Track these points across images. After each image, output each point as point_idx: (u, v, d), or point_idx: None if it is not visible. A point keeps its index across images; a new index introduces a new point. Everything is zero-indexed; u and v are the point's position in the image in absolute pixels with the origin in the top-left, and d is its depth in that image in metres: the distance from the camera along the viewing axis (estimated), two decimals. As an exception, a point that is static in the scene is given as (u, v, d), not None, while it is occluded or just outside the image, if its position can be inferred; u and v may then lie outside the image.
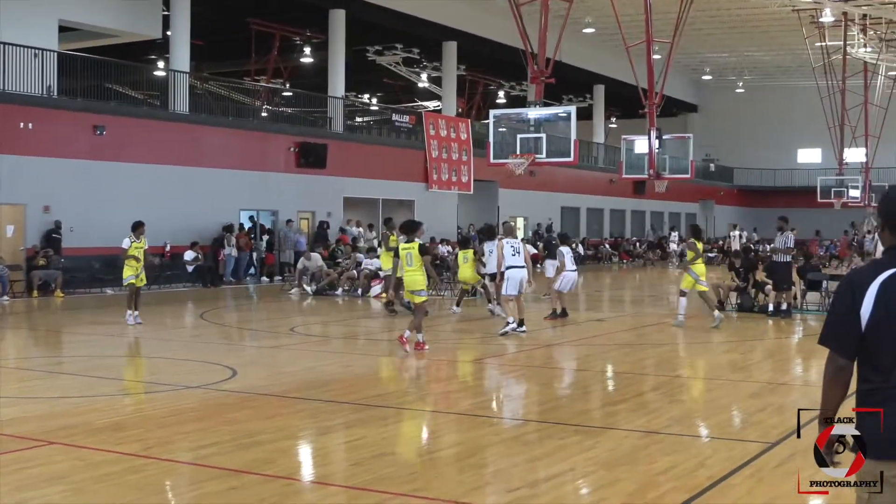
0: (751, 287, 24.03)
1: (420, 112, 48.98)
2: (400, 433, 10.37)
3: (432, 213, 43.31)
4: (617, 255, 55.89)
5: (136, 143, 31.73)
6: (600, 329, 20.84)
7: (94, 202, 30.14)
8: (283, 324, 21.77)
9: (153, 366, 14.95)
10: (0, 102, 28.21)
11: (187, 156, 33.38)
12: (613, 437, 9.67)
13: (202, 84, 38.93)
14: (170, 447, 9.19)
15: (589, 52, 55.65)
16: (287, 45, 48.88)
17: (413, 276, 15.93)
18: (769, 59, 65.86)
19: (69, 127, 29.99)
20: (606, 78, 59.96)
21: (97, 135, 30.36)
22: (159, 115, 33.82)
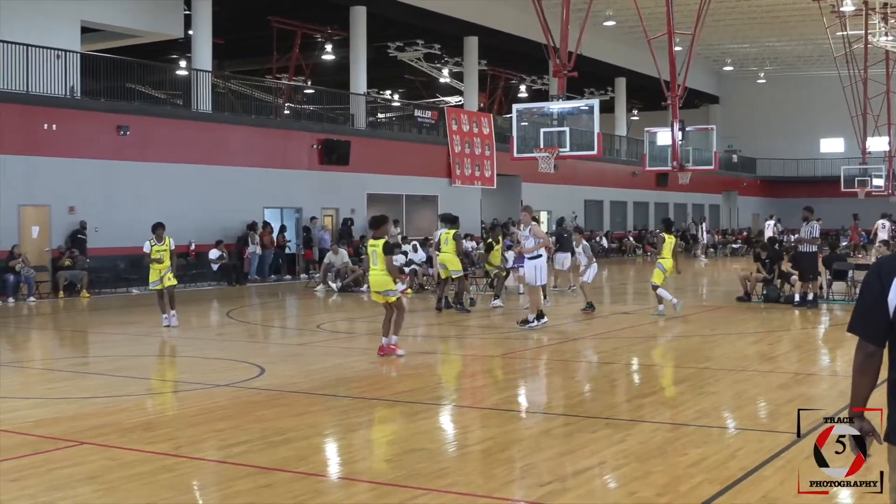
0: (777, 278, 23.94)
1: (442, 107, 48.93)
2: (430, 429, 10.34)
3: (456, 208, 42.93)
4: (641, 247, 55.74)
5: (160, 142, 31.83)
6: (626, 322, 20.78)
7: (119, 202, 30.26)
8: (309, 321, 21.81)
9: (181, 365, 15.00)
10: (23, 104, 28.36)
11: (210, 154, 33.46)
12: (643, 430, 9.64)
13: (224, 83, 38.99)
14: (200, 446, 9.20)
15: (610, 44, 55.53)
16: (308, 43, 48.95)
17: (378, 277, 14.84)
18: (790, 50, 65.53)
19: (92, 127, 30.12)
20: (628, 71, 59.79)
21: (121, 135, 30.46)
22: (182, 114, 33.92)
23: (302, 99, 44.04)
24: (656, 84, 40.99)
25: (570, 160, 38.78)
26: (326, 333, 19.26)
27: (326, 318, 22.38)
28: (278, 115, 40.05)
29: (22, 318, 23.49)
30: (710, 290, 31.58)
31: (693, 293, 30.60)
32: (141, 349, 17.16)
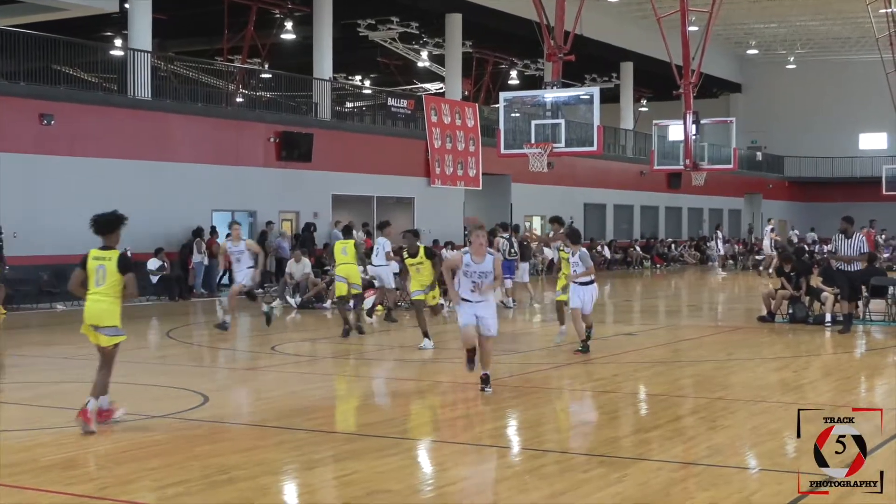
0: (805, 294, 24.00)
1: (420, 96, 49.00)
2: (398, 467, 10.32)
3: (435, 212, 43.39)
4: (649, 258, 55.87)
5: (91, 134, 31.76)
6: (630, 344, 20.82)
7: (42, 203, 30.16)
8: (262, 342, 21.76)
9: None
10: (-71, 88, 28.29)
11: (150, 148, 33.40)
12: (644, 470, 9.65)
13: (167, 65, 38.95)
14: (129, 487, 9.17)
15: (615, 24, 55.75)
16: (265, 20, 48.89)
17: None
18: (825, 30, 65.84)
19: (11, 115, 30.03)
20: (635, 54, 60.01)
21: (44, 125, 30.38)
22: (117, 101, 33.86)
23: (257, 85, 44.02)
24: (668, 70, 41.21)
25: (567, 157, 38.98)
26: (282, 356, 19.23)
27: (283, 339, 22.34)
28: (230, 103, 40.00)
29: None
30: (727, 309, 31.65)
31: (708, 312, 30.69)
32: (65, 374, 17.09)
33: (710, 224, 65.38)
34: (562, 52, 30.38)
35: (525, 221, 51.90)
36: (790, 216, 72.30)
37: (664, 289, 41.90)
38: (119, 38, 45.12)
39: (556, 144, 29.97)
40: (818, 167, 74.70)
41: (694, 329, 24.33)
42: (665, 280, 46.74)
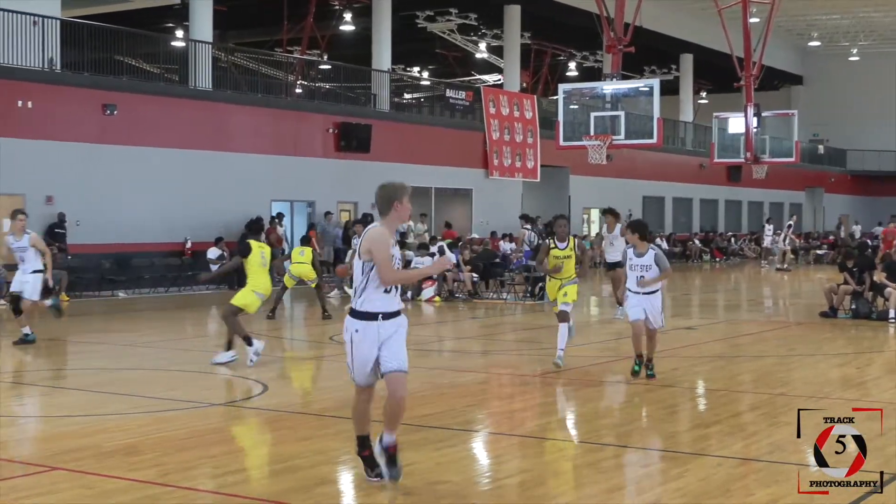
0: (868, 290, 23.76)
1: (478, 87, 48.93)
2: (456, 458, 10.33)
3: (493, 204, 43.34)
4: (708, 252, 55.53)
5: (152, 124, 31.99)
6: (689, 339, 20.70)
7: (104, 192, 30.42)
8: (321, 332, 21.84)
9: (172, 380, 15.03)
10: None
11: (211, 139, 33.60)
12: (704, 465, 9.59)
13: (227, 56, 39.16)
14: (190, 473, 9.23)
15: (674, 15, 55.39)
16: (324, 11, 49.02)
17: None
18: (888, 22, 65.13)
19: (75, 106, 30.30)
20: (695, 46, 59.61)
21: (107, 115, 30.64)
22: (178, 91, 34.08)
23: (316, 76, 44.16)
24: (728, 62, 40.93)
25: (626, 150, 38.82)
26: (341, 346, 19.27)
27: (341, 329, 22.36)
28: (289, 94, 40.15)
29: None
30: (789, 304, 31.40)
31: (769, 307, 30.47)
32: (126, 361, 17.24)
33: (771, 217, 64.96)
34: (621, 44, 30.28)
35: (583, 214, 51.81)
36: (852, 210, 71.62)
37: (723, 283, 41.62)
38: (180, 29, 45.37)
39: (616, 136, 29.89)
40: (881, 161, 73.91)
41: (754, 324, 24.14)
42: (724, 274, 46.44)
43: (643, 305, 14.62)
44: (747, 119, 40.08)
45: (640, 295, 14.61)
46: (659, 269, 14.49)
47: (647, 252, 14.55)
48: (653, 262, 14.51)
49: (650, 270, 14.50)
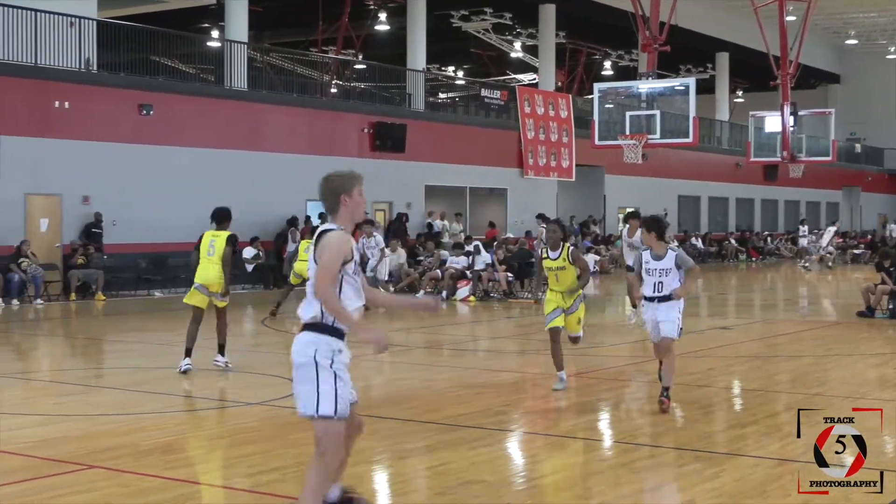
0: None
1: (513, 86, 48.90)
2: (491, 458, 10.33)
3: (528, 203, 43.28)
4: (744, 251, 55.31)
5: (188, 124, 32.13)
6: (725, 339, 20.63)
7: (140, 192, 30.56)
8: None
9: (207, 379, 15.10)
10: (32, 78, 28.74)
11: (246, 138, 33.70)
12: (740, 466, 9.57)
13: (262, 56, 39.27)
14: (226, 472, 9.28)
15: (710, 14, 55.20)
16: (359, 11, 49.14)
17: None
18: (926, 20, 64.71)
19: (111, 106, 30.45)
20: (731, 44, 59.38)
21: (143, 115, 30.79)
22: (214, 91, 34.21)
23: (351, 76, 44.26)
24: (764, 60, 40.74)
25: (662, 149, 38.75)
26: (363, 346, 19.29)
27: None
28: (324, 93, 40.24)
29: (28, 323, 23.82)
30: (825, 303, 31.25)
31: (805, 306, 30.33)
32: (162, 360, 17.31)
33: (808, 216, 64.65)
34: (657, 43, 30.22)
35: (618, 213, 51.68)
36: (889, 209, 71.08)
37: (760, 282, 41.45)
38: (216, 29, 45.58)
39: (651, 136, 29.84)
40: (919, 160, 73.54)
41: (790, 324, 24.04)
42: (760, 273, 46.24)
43: (657, 316, 12.50)
44: (784, 118, 39.91)
45: (656, 302, 12.53)
46: (681, 271, 12.50)
47: (667, 253, 12.51)
48: (673, 264, 12.47)
49: (670, 274, 12.42)
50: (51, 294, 27.95)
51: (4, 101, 28.17)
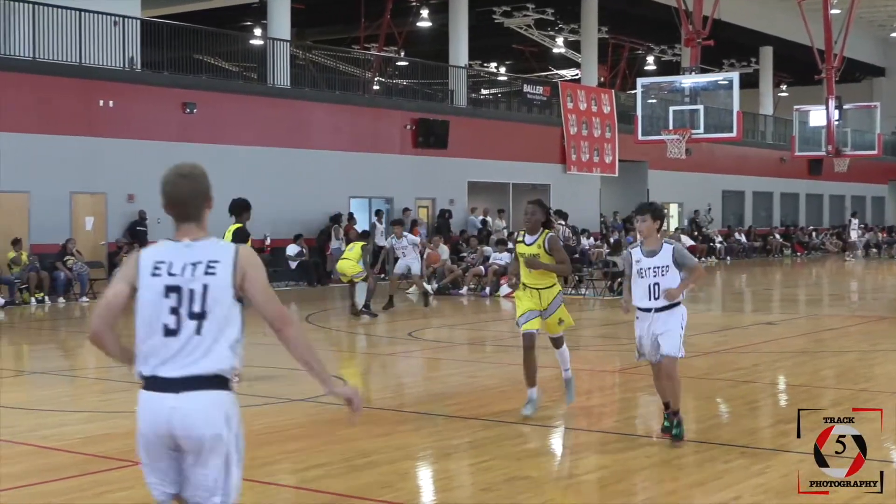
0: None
1: (556, 82, 48.86)
2: (535, 454, 10.34)
3: (571, 199, 43.19)
4: (789, 246, 55.01)
5: (231, 122, 32.26)
6: (770, 334, 20.53)
7: (185, 190, 30.63)
8: (400, 327, 21.91)
9: (252, 376, 15.16)
10: (76, 77, 28.94)
11: (289, 136, 33.81)
12: (786, 461, 9.51)
13: (305, 54, 39.37)
14: (271, 468, 9.31)
15: (754, 8, 54.91)
16: (401, 8, 49.15)
17: None
18: (973, 11, 64.07)
19: (155, 104, 30.63)
20: (775, 38, 59.04)
21: (186, 113, 30.95)
22: (257, 89, 34.35)
23: (394, 72, 44.28)
24: (809, 54, 40.44)
25: (705, 143, 38.57)
26: (419, 342, 19.34)
27: (420, 325, 22.46)
28: (366, 91, 40.32)
29: (74, 321, 23.99)
30: (871, 298, 31.04)
31: (851, 301, 30.13)
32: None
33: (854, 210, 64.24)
34: (700, 37, 30.08)
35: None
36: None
37: (805, 277, 41.23)
38: (259, 27, 45.71)
39: (695, 130, 29.72)
40: (966, 153, 72.78)
41: (836, 319, 23.91)
42: (805, 269, 45.98)
43: (654, 329, 10.22)
44: (829, 112, 39.64)
45: (653, 313, 10.22)
46: (680, 270, 10.23)
47: (662, 248, 10.27)
48: (670, 261, 10.17)
49: (668, 274, 10.15)
50: (96, 292, 28.11)
51: (50, 100, 28.40)
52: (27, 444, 10.24)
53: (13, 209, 27.71)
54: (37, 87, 28.20)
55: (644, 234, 10.39)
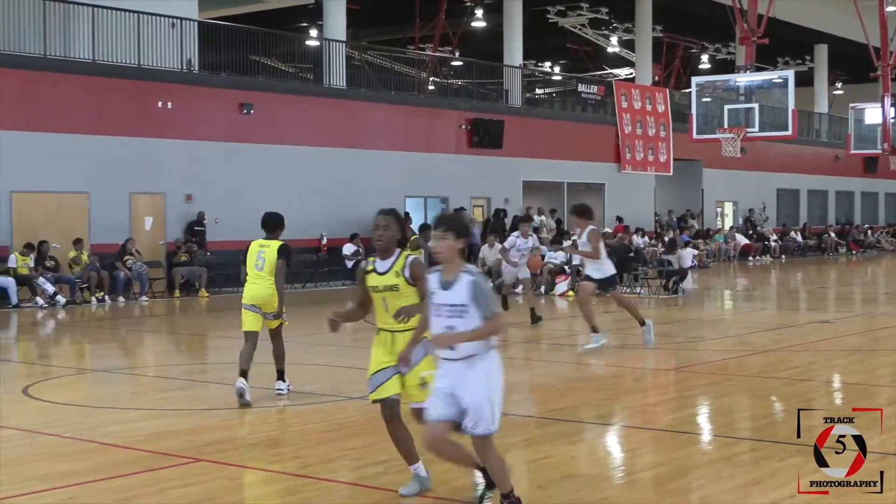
0: None
1: (610, 81, 48.73)
2: (590, 452, 10.34)
3: (626, 198, 43.11)
4: (844, 244, 54.56)
5: (287, 122, 32.42)
6: (826, 332, 20.39)
7: (242, 190, 30.90)
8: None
9: (311, 374, 15.23)
10: (135, 79, 29.20)
11: (345, 136, 33.93)
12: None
13: (360, 54, 39.49)
14: (330, 465, 9.36)
15: (808, 5, 54.45)
16: (456, 8, 49.17)
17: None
18: None
19: (212, 105, 30.84)
20: (830, 36, 58.54)
21: (244, 114, 31.13)
22: (313, 90, 34.49)
23: (448, 73, 44.33)
24: (864, 52, 40.10)
25: (760, 142, 38.35)
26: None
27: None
28: (421, 91, 40.37)
29: (133, 320, 24.21)
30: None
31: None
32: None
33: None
34: (755, 36, 29.91)
35: (717, 207, 51.32)
36: None
37: (860, 276, 40.88)
38: (314, 28, 45.88)
39: (750, 129, 29.55)
40: None
41: (892, 317, 23.69)
42: (861, 267, 45.59)
43: (454, 388, 7.80)
44: (884, 109, 39.32)
45: (453, 362, 7.78)
46: (479, 313, 7.54)
47: (459, 277, 7.56)
48: (467, 297, 7.50)
49: (465, 316, 7.56)
50: (155, 291, 28.38)
51: (110, 102, 28.69)
52: (90, 441, 10.36)
53: (74, 209, 28.01)
54: (96, 88, 28.49)
55: (442, 256, 7.66)
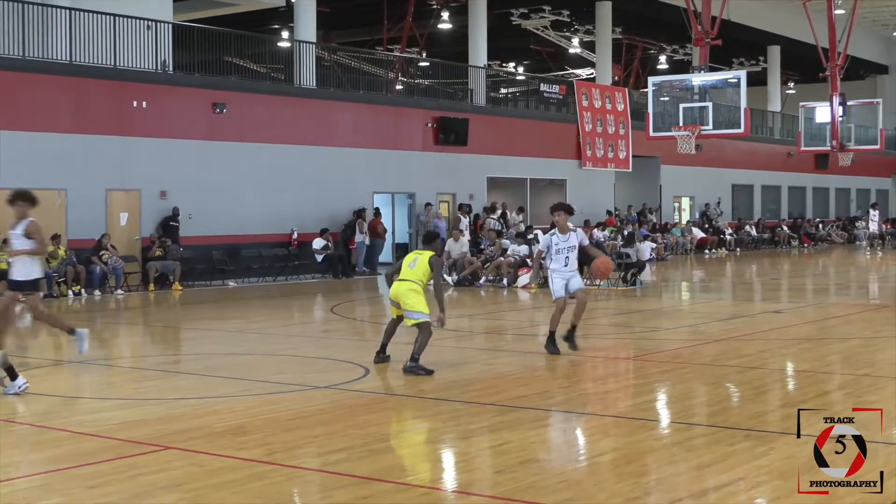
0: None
1: (571, 81, 48.79)
2: (549, 438, 10.33)
3: (586, 194, 43.16)
4: (797, 238, 54.84)
5: (259, 121, 32.31)
6: (777, 322, 20.46)
7: (215, 187, 30.80)
8: (420, 318, 21.88)
9: (278, 364, 15.19)
10: (111, 79, 29.03)
11: (315, 134, 33.85)
12: (790, 444, 9.46)
13: (330, 55, 39.40)
14: (295, 452, 9.32)
15: (761, 8, 54.68)
16: (423, 10, 49.15)
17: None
18: (973, 11, 63.69)
19: (186, 105, 30.71)
20: (782, 37, 58.83)
21: (216, 113, 31.00)
22: (284, 90, 34.39)
23: (415, 73, 44.28)
24: (814, 53, 40.27)
25: (716, 139, 38.45)
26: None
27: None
28: (389, 90, 40.34)
29: (109, 313, 24.06)
30: (876, 287, 30.89)
31: (856, 291, 30.01)
32: (235, 347, 17.44)
33: (857, 204, 64.04)
34: (709, 37, 30.00)
35: (674, 202, 51.48)
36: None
37: (812, 267, 41.07)
38: (286, 30, 45.76)
39: (705, 127, 29.64)
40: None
41: (841, 307, 23.81)
42: (812, 259, 45.81)
43: None
44: (833, 108, 39.53)
45: None
46: None
47: None
48: None
49: None
50: (130, 285, 28.23)
51: (87, 101, 28.52)
52: (63, 430, 10.28)
53: (51, 206, 27.78)
54: (73, 88, 28.31)
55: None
